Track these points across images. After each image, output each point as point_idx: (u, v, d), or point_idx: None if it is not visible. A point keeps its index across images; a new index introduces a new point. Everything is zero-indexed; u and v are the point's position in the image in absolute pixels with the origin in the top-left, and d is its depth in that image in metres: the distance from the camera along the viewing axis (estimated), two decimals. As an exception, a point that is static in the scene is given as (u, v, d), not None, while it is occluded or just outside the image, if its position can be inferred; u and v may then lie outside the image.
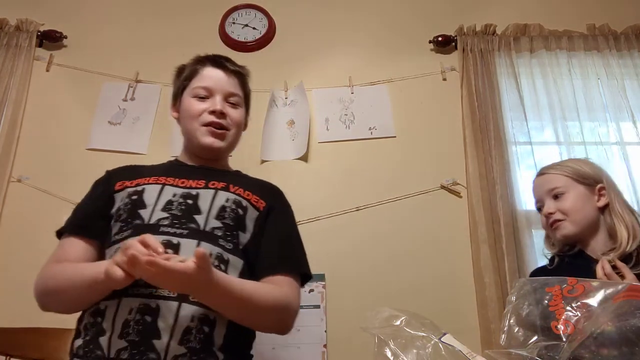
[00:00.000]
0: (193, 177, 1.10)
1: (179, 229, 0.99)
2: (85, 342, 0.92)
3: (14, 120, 1.95)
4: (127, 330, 0.88)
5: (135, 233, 0.96)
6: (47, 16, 2.15)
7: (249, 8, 2.24)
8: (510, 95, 2.05)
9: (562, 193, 1.26)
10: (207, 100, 1.16)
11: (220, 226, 1.02)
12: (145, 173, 1.11)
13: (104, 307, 0.93)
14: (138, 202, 1.03)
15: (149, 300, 0.90)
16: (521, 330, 0.75)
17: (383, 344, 0.75)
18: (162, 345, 0.88)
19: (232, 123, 1.17)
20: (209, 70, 1.19)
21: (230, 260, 1.00)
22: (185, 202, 1.03)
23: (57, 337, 1.54)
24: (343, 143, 2.04)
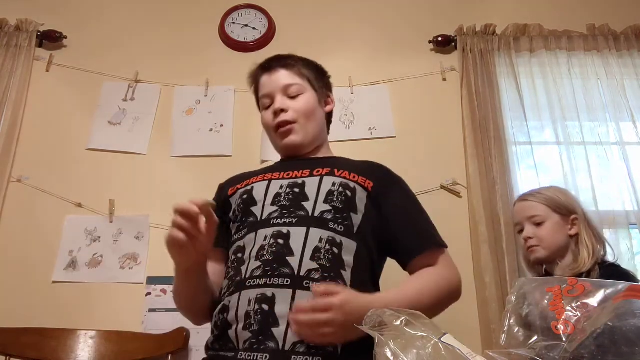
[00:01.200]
0: (298, 168, 1.13)
1: (288, 218, 1.02)
2: (216, 337, 0.98)
3: (14, 120, 1.95)
4: (249, 321, 0.91)
5: (250, 231, 1.02)
6: (47, 16, 2.15)
7: (249, 8, 2.24)
8: (510, 95, 2.05)
9: (541, 222, 1.42)
10: (272, 106, 1.20)
11: (330, 209, 1.03)
12: (253, 175, 1.17)
13: (227, 303, 0.97)
14: (249, 201, 1.08)
15: (265, 290, 0.93)
16: (521, 330, 0.75)
17: (383, 344, 0.75)
18: (281, 332, 0.90)
19: (296, 113, 1.17)
20: (263, 78, 1.23)
21: (343, 242, 1.00)
22: (292, 191, 1.06)
23: (56, 337, 1.54)
24: (343, 143, 2.03)
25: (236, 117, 2.06)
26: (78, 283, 1.77)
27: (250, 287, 0.94)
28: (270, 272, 0.94)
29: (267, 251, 0.97)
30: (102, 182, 1.93)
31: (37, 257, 1.80)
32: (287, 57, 1.26)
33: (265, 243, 0.98)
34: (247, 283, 0.95)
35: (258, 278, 0.95)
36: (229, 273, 1.03)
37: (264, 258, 0.97)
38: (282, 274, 0.94)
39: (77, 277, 1.78)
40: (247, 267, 0.98)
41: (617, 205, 1.89)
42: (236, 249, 1.04)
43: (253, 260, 0.98)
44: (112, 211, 1.87)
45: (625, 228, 1.84)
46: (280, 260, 0.96)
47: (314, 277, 0.94)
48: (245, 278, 0.96)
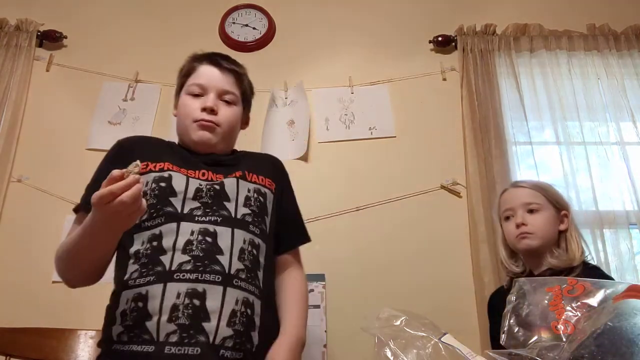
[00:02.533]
0: (209, 168, 1.12)
1: (212, 216, 1.03)
2: (127, 327, 0.93)
3: (14, 120, 1.95)
4: (177, 314, 0.91)
5: (169, 221, 1.01)
6: (47, 16, 2.15)
7: (249, 8, 2.24)
8: (510, 95, 2.05)
9: (537, 209, 1.37)
10: (201, 98, 1.17)
11: (249, 212, 1.08)
12: (162, 154, 1.12)
13: (145, 292, 0.94)
14: (167, 190, 1.05)
15: (196, 285, 0.94)
16: (521, 330, 0.75)
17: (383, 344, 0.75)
18: (212, 327, 0.91)
19: (223, 120, 1.16)
20: (204, 67, 1.20)
21: (260, 245, 1.07)
22: (212, 188, 1.07)
23: (56, 337, 1.54)
24: (343, 143, 2.04)
25: (236, 117, 2.05)
26: (78, 283, 1.77)
27: (178, 280, 0.94)
28: (201, 268, 0.96)
29: (197, 247, 0.98)
30: (102, 182, 1.92)
31: (37, 257, 1.80)
32: (238, 64, 1.26)
33: (192, 238, 0.99)
34: (174, 275, 0.95)
35: (188, 272, 0.95)
36: (140, 259, 0.99)
37: (194, 253, 0.97)
38: (213, 271, 0.96)
39: (77, 277, 1.77)
40: (173, 259, 0.96)
41: (617, 205, 1.89)
42: (151, 236, 1.00)
43: (179, 253, 0.97)
44: (112, 211, 1.86)
45: (625, 228, 1.84)
46: (211, 258, 0.98)
47: (242, 276, 0.99)
48: (171, 270, 0.95)
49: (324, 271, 1.82)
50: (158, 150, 1.15)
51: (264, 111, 2.05)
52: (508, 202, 1.43)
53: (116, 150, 1.17)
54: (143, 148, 1.15)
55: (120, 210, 0.84)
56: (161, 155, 1.12)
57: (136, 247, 1.01)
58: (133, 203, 0.84)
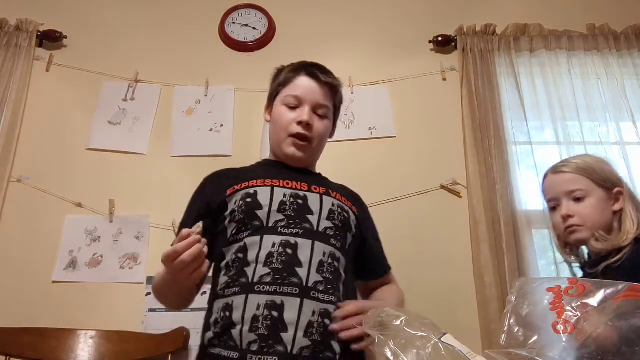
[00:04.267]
0: (294, 179, 1.17)
1: (294, 228, 1.06)
2: (216, 334, 1.01)
3: (14, 120, 1.95)
4: (257, 324, 0.96)
5: (255, 234, 1.06)
6: (47, 16, 2.15)
7: (249, 8, 2.24)
8: (510, 95, 2.05)
9: (583, 197, 1.21)
10: (296, 110, 1.20)
11: (332, 226, 1.11)
12: (249, 176, 1.18)
13: (231, 302, 1.01)
14: (254, 204, 1.10)
15: (275, 297, 0.98)
16: (521, 330, 0.75)
17: (383, 344, 0.75)
18: (289, 337, 0.95)
19: (316, 135, 1.21)
20: (302, 79, 1.23)
21: (340, 258, 1.09)
22: (296, 202, 1.11)
23: (55, 337, 1.54)
24: (343, 143, 2.03)
25: (236, 117, 2.06)
26: (78, 283, 1.77)
27: (259, 292, 0.99)
28: (280, 280, 0.99)
29: (277, 259, 1.02)
30: (102, 182, 1.93)
31: (37, 257, 1.80)
32: (334, 76, 1.29)
33: (274, 250, 1.03)
34: (255, 287, 0.99)
35: (268, 285, 0.99)
36: (230, 271, 1.06)
37: (274, 266, 1.01)
38: (291, 283, 1.00)
39: (77, 277, 1.77)
40: (255, 271, 1.01)
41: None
42: (238, 248, 1.07)
43: (261, 266, 1.02)
44: (112, 211, 1.87)
45: (625, 228, 1.84)
46: (290, 270, 1.01)
47: (319, 288, 1.02)
48: (253, 282, 1.00)
49: (324, 271, 1.82)
50: (242, 174, 1.20)
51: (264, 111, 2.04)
52: (550, 191, 1.28)
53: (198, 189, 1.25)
54: (228, 177, 1.21)
55: (182, 269, 0.92)
56: (245, 177, 1.17)
57: (226, 260, 1.08)
58: (192, 262, 0.91)
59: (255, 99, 2.08)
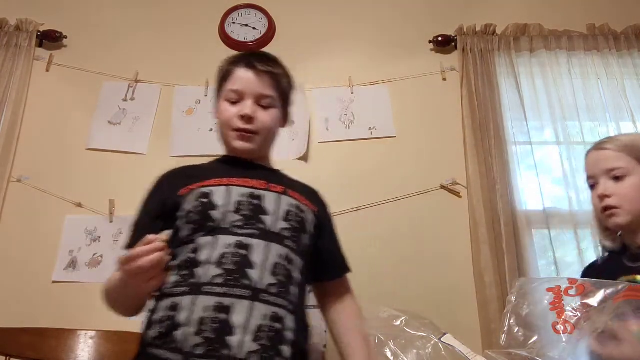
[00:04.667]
0: (252, 176, 1.13)
1: (249, 229, 1.03)
2: (160, 334, 0.96)
3: (14, 120, 1.95)
4: (203, 327, 0.92)
5: (208, 234, 1.03)
6: (47, 16, 2.15)
7: (249, 8, 2.24)
8: (510, 95, 2.05)
9: (623, 175, 1.12)
10: (238, 104, 1.17)
11: (288, 227, 1.08)
12: (204, 174, 1.14)
13: (178, 302, 0.97)
14: (208, 205, 1.06)
15: (223, 299, 0.95)
16: (521, 330, 0.75)
17: (383, 344, 0.75)
18: (236, 341, 0.92)
19: (261, 127, 1.17)
20: (240, 72, 1.18)
21: (294, 260, 1.07)
22: (252, 202, 1.08)
23: (55, 337, 1.54)
24: (343, 143, 2.04)
25: (236, 117, 2.05)
26: (78, 283, 1.77)
27: (207, 294, 0.95)
28: (231, 282, 0.96)
29: (230, 260, 0.99)
30: (102, 182, 1.93)
31: (37, 257, 1.80)
32: (276, 63, 1.24)
33: (227, 251, 1.00)
34: (204, 289, 0.96)
35: (218, 286, 0.96)
36: (181, 270, 1.01)
37: (226, 267, 0.98)
38: (242, 285, 0.97)
39: (77, 277, 1.78)
40: (206, 272, 0.98)
41: (617, 205, 1.89)
42: (191, 248, 1.03)
43: (213, 267, 0.98)
44: (112, 211, 1.87)
45: (626, 228, 1.84)
46: (242, 271, 0.98)
47: (272, 291, 0.99)
48: (203, 282, 0.97)
49: (324, 271, 1.82)
50: (198, 173, 1.16)
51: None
52: (589, 168, 1.19)
53: (154, 185, 1.20)
54: (183, 176, 1.17)
55: (137, 274, 0.90)
56: (201, 175, 1.13)
57: (178, 261, 1.04)
58: (150, 269, 0.89)
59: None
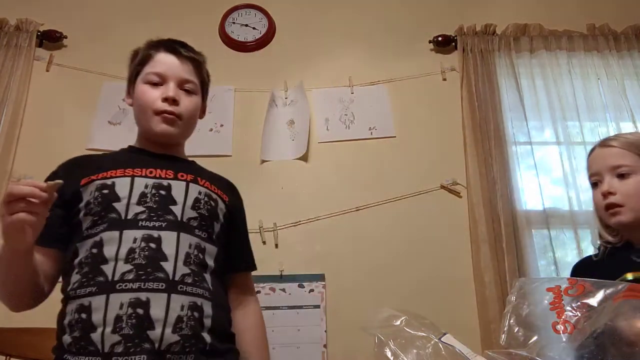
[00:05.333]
0: (159, 166, 1.09)
1: (157, 221, 1.00)
2: (74, 338, 0.92)
3: (14, 120, 1.95)
4: (120, 324, 0.90)
5: (112, 228, 0.98)
6: (47, 16, 2.15)
7: (249, 8, 2.24)
8: (510, 95, 2.05)
9: (627, 173, 1.11)
10: (160, 87, 1.13)
11: (196, 216, 1.05)
12: (107, 165, 1.09)
13: (88, 303, 0.93)
14: (110, 196, 1.02)
15: (139, 294, 0.92)
16: (521, 330, 0.75)
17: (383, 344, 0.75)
18: (157, 335, 0.90)
19: (184, 111, 1.13)
20: (162, 55, 1.16)
21: (206, 248, 1.05)
22: (158, 192, 1.04)
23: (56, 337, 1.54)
24: (343, 143, 2.04)
25: (236, 117, 2.06)
26: (78, 283, 1.77)
27: (121, 291, 0.92)
28: (144, 277, 0.94)
29: (139, 254, 0.96)
30: (102, 182, 1.93)
31: (37, 257, 1.80)
32: (197, 52, 1.22)
33: (135, 246, 0.97)
34: (117, 286, 0.93)
35: (131, 282, 0.93)
36: (83, 268, 0.97)
37: (136, 262, 0.95)
38: (157, 279, 0.95)
39: (77, 277, 1.77)
40: (115, 269, 0.94)
41: (617, 205, 1.89)
42: (93, 243, 0.98)
43: (122, 263, 0.95)
44: (112, 211, 1.87)
45: (625, 228, 1.84)
46: (154, 265, 0.96)
47: (187, 281, 0.97)
48: (113, 280, 0.93)
49: (324, 271, 1.82)
50: (100, 163, 1.11)
51: (264, 111, 2.05)
52: (593, 165, 1.17)
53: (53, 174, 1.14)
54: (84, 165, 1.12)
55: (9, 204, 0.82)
56: (103, 166, 1.09)
57: (79, 257, 0.99)
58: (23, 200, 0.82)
59: (255, 99, 2.09)
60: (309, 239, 1.88)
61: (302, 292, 1.79)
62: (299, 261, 1.85)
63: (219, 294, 1.06)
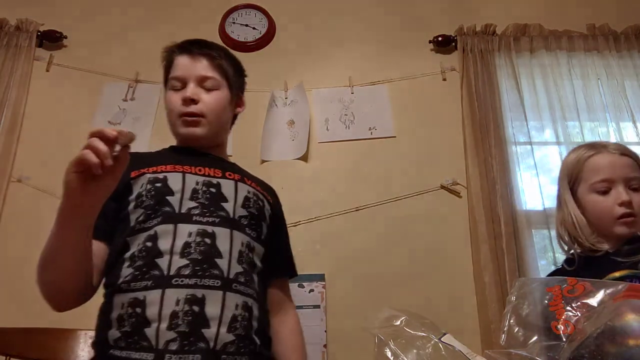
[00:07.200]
0: (207, 164, 1.10)
1: (210, 217, 1.00)
2: (125, 333, 0.89)
3: (14, 120, 1.95)
4: (176, 321, 0.88)
5: (166, 222, 0.98)
6: (47, 16, 2.15)
7: (249, 8, 2.24)
8: (510, 96, 2.05)
9: (638, 187, 1.12)
10: (182, 91, 1.13)
11: (247, 215, 1.05)
12: (156, 160, 1.09)
13: (143, 298, 0.91)
14: (164, 189, 1.01)
15: (195, 290, 0.91)
16: (521, 330, 0.75)
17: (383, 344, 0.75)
18: (212, 334, 0.89)
19: (206, 108, 1.12)
20: (178, 59, 1.16)
21: (255, 248, 1.05)
22: (209, 190, 1.04)
23: (55, 337, 1.54)
24: (343, 143, 2.04)
25: (236, 117, 2.05)
26: (78, 283, 1.77)
27: (177, 286, 0.91)
28: (200, 272, 0.93)
29: (195, 249, 0.95)
30: (102, 182, 1.93)
31: (37, 257, 1.79)
32: (213, 46, 1.20)
33: (190, 240, 0.96)
34: (173, 281, 0.91)
35: (187, 277, 0.92)
36: (136, 262, 0.95)
37: (192, 256, 0.94)
38: (212, 275, 0.94)
39: (77, 277, 1.78)
40: (170, 263, 0.93)
41: (617, 205, 1.89)
42: (147, 237, 0.97)
43: (178, 257, 0.94)
44: (112, 211, 1.87)
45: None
46: (209, 261, 0.95)
47: (240, 280, 0.97)
48: (169, 275, 0.92)
49: (324, 271, 1.82)
50: (149, 159, 1.11)
51: (264, 111, 2.05)
52: (606, 171, 1.13)
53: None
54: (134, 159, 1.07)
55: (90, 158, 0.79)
56: (153, 161, 1.09)
57: (131, 251, 0.97)
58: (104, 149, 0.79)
59: (255, 99, 2.08)
60: (309, 238, 1.88)
61: (302, 292, 1.79)
62: (299, 261, 1.84)
63: (263, 297, 1.06)
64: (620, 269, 1.05)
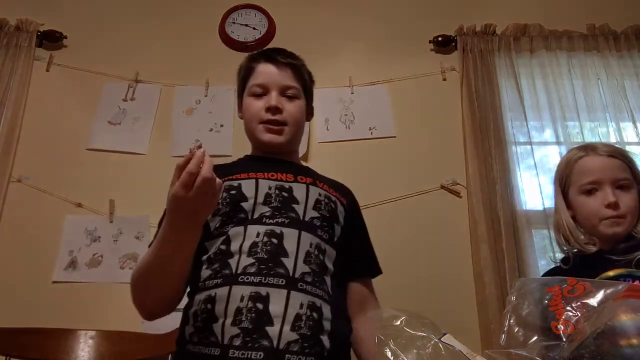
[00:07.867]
0: (279, 170, 1.12)
1: (279, 218, 1.03)
2: (197, 328, 0.94)
3: (14, 120, 1.95)
4: (240, 317, 0.90)
5: (238, 225, 1.02)
6: (47, 16, 2.15)
7: (249, 8, 2.24)
8: (510, 96, 2.05)
9: (627, 187, 1.13)
10: (263, 98, 1.16)
11: (318, 216, 1.07)
12: (231, 170, 1.12)
13: (214, 294, 0.95)
14: (238, 196, 1.05)
15: (260, 288, 0.93)
16: (521, 330, 0.75)
17: (383, 344, 0.75)
18: (275, 332, 0.90)
19: (289, 117, 1.16)
20: (262, 66, 1.20)
21: (327, 250, 1.05)
22: (281, 194, 1.07)
23: (56, 337, 1.54)
24: (343, 143, 2.04)
25: (236, 117, 2.02)
26: (78, 283, 1.77)
27: (243, 283, 0.94)
28: (265, 271, 0.95)
29: (262, 249, 0.98)
30: (102, 182, 1.93)
31: (37, 257, 1.80)
32: (295, 56, 1.25)
33: (258, 240, 0.99)
34: (239, 278, 0.95)
35: (252, 275, 0.94)
36: (212, 263, 1.00)
37: (259, 255, 0.97)
38: (277, 274, 0.95)
39: (77, 277, 1.78)
40: (239, 262, 0.97)
41: (617, 205, 1.89)
42: (222, 240, 1.02)
43: (245, 256, 0.97)
44: (112, 211, 1.87)
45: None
46: (275, 260, 0.97)
47: (307, 279, 0.97)
48: (236, 273, 0.95)
49: (324, 271, 1.82)
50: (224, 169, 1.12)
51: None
52: (594, 172, 1.14)
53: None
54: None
55: (205, 190, 0.84)
56: (228, 171, 1.11)
57: (209, 254, 1.02)
58: (213, 178, 0.84)
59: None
60: (309, 239, 1.88)
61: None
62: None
63: (339, 301, 1.05)
64: (615, 267, 1.05)
